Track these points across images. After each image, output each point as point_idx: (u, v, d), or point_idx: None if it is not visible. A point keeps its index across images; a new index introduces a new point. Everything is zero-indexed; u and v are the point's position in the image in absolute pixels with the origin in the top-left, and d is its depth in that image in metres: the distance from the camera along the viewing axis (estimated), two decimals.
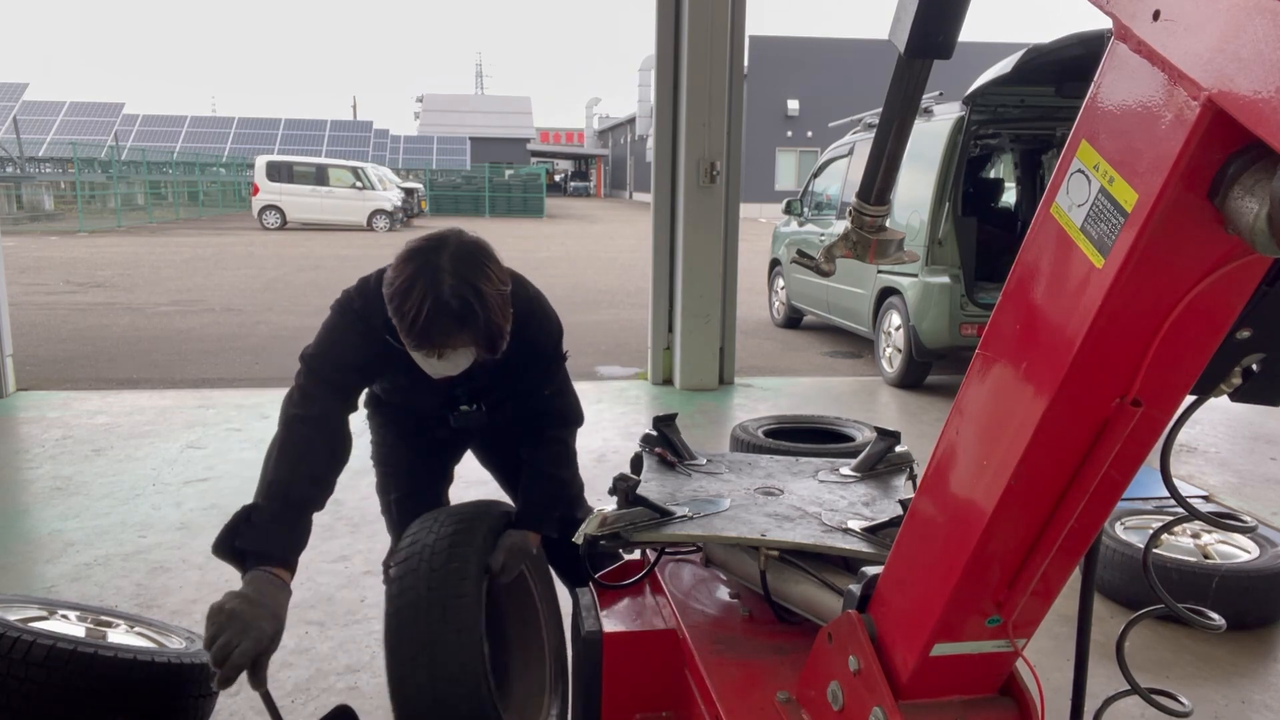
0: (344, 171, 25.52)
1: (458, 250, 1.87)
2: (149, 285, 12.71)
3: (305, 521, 1.87)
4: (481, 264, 1.88)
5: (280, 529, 1.82)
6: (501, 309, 1.89)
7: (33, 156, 33.64)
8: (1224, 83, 0.81)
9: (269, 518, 1.81)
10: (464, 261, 1.85)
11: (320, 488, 1.93)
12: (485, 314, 1.84)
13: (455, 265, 1.84)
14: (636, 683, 1.81)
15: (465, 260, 1.86)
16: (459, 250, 1.88)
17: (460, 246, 1.89)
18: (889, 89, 1.58)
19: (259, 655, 1.68)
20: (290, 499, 1.85)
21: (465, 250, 1.88)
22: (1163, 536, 3.15)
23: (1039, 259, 1.08)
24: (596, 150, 69.27)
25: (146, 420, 5.64)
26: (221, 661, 1.64)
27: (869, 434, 3.36)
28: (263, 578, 1.75)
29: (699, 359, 6.79)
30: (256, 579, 1.75)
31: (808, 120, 35.40)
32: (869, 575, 1.42)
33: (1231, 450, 5.37)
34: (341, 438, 2.00)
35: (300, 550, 1.86)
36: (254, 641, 1.66)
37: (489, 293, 1.85)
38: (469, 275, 1.83)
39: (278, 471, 1.87)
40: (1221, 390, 1.19)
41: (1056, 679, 2.35)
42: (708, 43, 6.35)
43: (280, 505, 1.83)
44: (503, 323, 1.89)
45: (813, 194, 9.45)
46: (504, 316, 1.90)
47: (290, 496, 1.85)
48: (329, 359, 2.03)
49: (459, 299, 1.80)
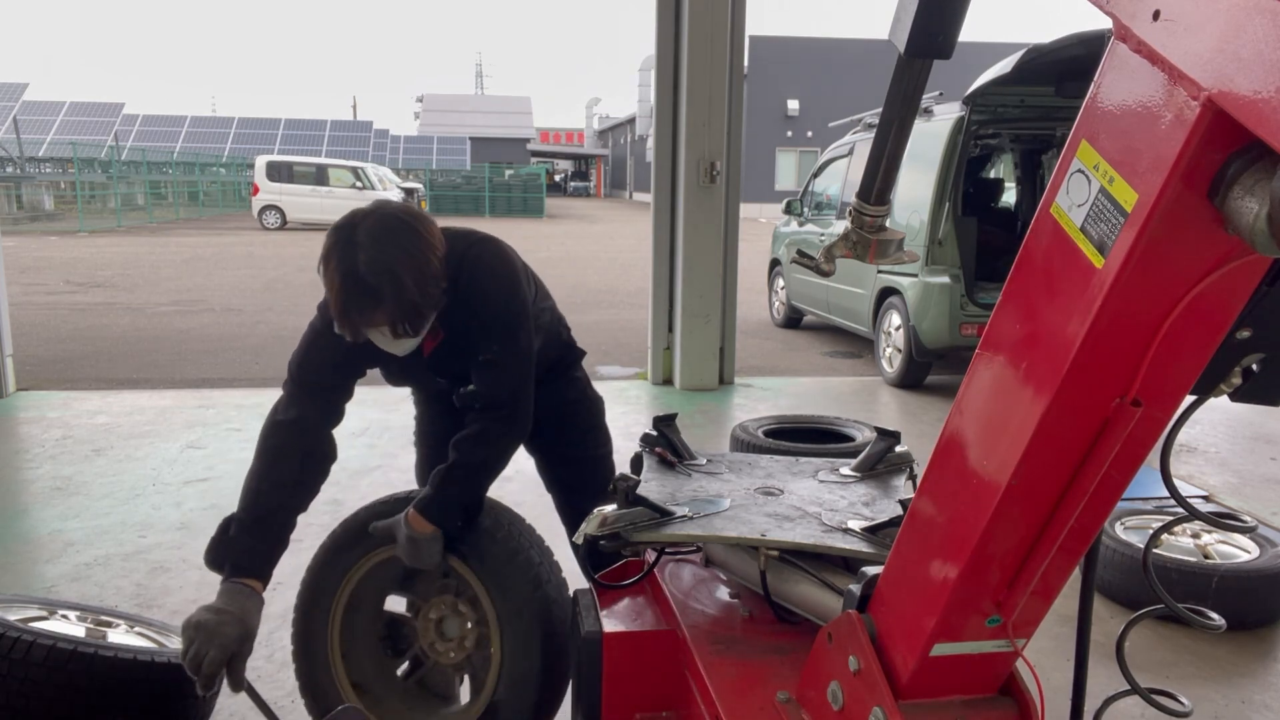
0: (344, 171, 25.51)
1: (377, 222, 1.80)
2: (149, 285, 12.71)
3: (277, 529, 1.96)
4: (397, 238, 1.79)
5: (250, 541, 1.93)
6: (421, 285, 1.79)
7: (33, 156, 33.65)
8: (1224, 83, 0.81)
9: (241, 530, 1.93)
10: (380, 235, 1.78)
11: (291, 492, 1.98)
12: (395, 291, 1.75)
13: (370, 238, 1.77)
14: (636, 683, 1.81)
15: (382, 233, 1.78)
16: (378, 222, 1.80)
17: (381, 219, 1.81)
18: (889, 89, 1.58)
19: (230, 660, 1.83)
20: (260, 508, 1.94)
21: (383, 222, 1.81)
22: (1163, 536, 3.15)
23: (1039, 259, 1.08)
24: (596, 150, 69.27)
25: (146, 420, 5.64)
26: (195, 670, 1.80)
27: (869, 434, 3.37)
28: (232, 589, 1.88)
29: (699, 359, 6.79)
30: (227, 590, 1.88)
31: (808, 120, 35.40)
32: (869, 575, 1.42)
33: (1231, 450, 5.37)
34: (318, 441, 2.02)
35: (273, 558, 1.97)
36: (220, 649, 1.80)
37: (404, 268, 1.76)
38: (383, 249, 1.76)
39: (250, 480, 1.98)
40: (1221, 390, 1.19)
41: (1056, 679, 2.35)
42: (708, 43, 6.35)
43: (251, 517, 1.94)
44: (421, 300, 1.80)
45: (813, 194, 9.45)
46: (425, 293, 1.81)
47: (260, 506, 1.95)
48: (307, 363, 2.04)
49: (373, 274, 1.74)
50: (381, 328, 1.82)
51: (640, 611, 1.93)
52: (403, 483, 4.05)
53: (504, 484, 2.63)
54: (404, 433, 2.18)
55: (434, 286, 1.84)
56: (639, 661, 1.81)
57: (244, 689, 1.85)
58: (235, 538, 1.93)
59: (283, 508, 1.96)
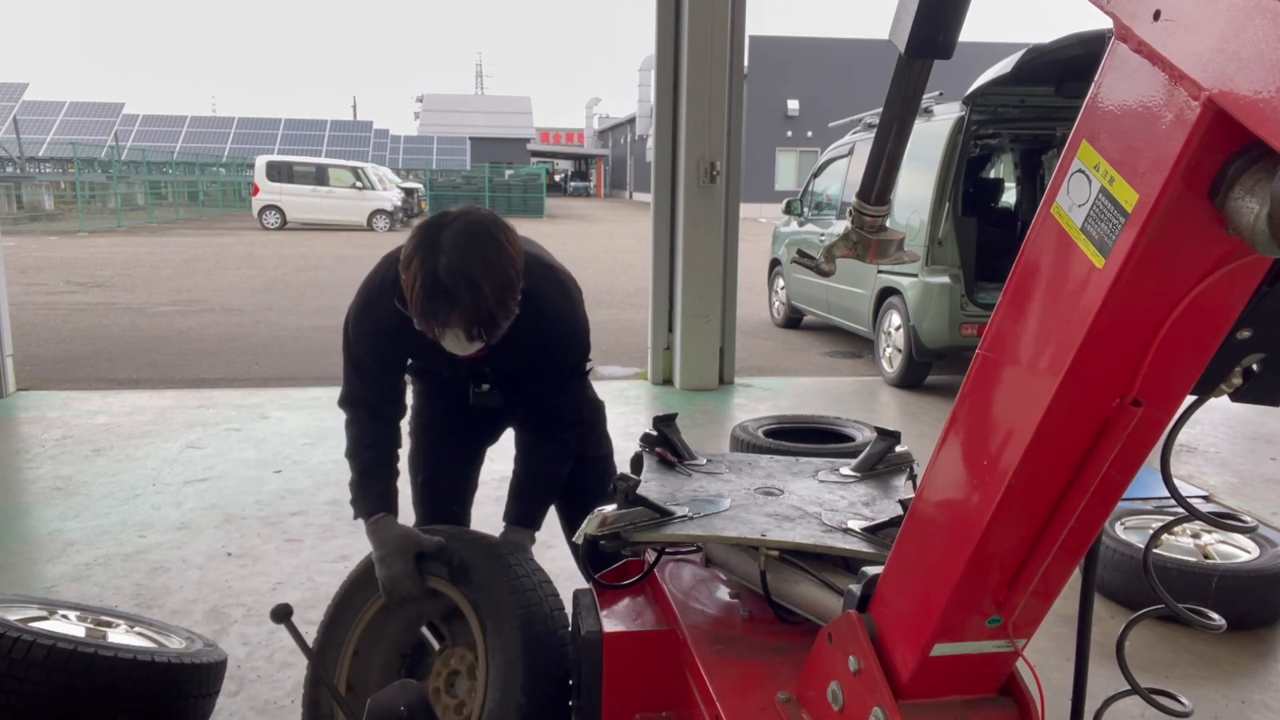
0: (344, 171, 25.51)
1: (462, 228, 1.84)
2: (149, 285, 12.71)
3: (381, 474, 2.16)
4: (481, 245, 1.83)
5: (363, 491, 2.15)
6: (499, 294, 1.82)
7: (33, 156, 33.63)
8: (1224, 83, 0.81)
9: (355, 486, 2.16)
10: (463, 242, 1.81)
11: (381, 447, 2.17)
12: (474, 297, 1.79)
13: (454, 243, 1.80)
14: (636, 683, 1.81)
15: (465, 240, 1.82)
16: (463, 229, 1.84)
17: (466, 225, 1.85)
18: (889, 89, 1.58)
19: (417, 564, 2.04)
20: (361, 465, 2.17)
21: (468, 229, 1.84)
22: (1163, 536, 3.15)
23: (1039, 259, 1.08)
24: (596, 150, 69.26)
25: (146, 420, 5.64)
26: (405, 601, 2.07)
27: (869, 434, 3.37)
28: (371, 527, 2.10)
29: (699, 359, 6.79)
30: (370, 531, 2.10)
31: (808, 120, 35.40)
32: (869, 575, 1.42)
33: (1231, 450, 5.37)
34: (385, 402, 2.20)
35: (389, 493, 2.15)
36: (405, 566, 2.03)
37: (484, 275, 1.80)
38: (465, 256, 1.79)
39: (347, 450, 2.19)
40: (1221, 390, 1.19)
41: (1056, 679, 2.35)
42: (708, 43, 6.35)
43: (357, 475, 2.17)
44: (497, 309, 1.83)
45: (813, 194, 9.45)
46: (501, 303, 1.84)
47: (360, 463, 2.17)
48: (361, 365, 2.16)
49: (451, 279, 1.77)
50: (456, 330, 1.85)
51: (640, 611, 1.93)
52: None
53: (498, 486, 2.64)
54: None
55: (510, 297, 1.87)
56: (639, 661, 1.81)
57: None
58: (356, 492, 2.15)
59: (377, 460, 2.16)
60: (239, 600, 3.23)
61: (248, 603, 3.21)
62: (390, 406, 2.20)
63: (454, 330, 1.85)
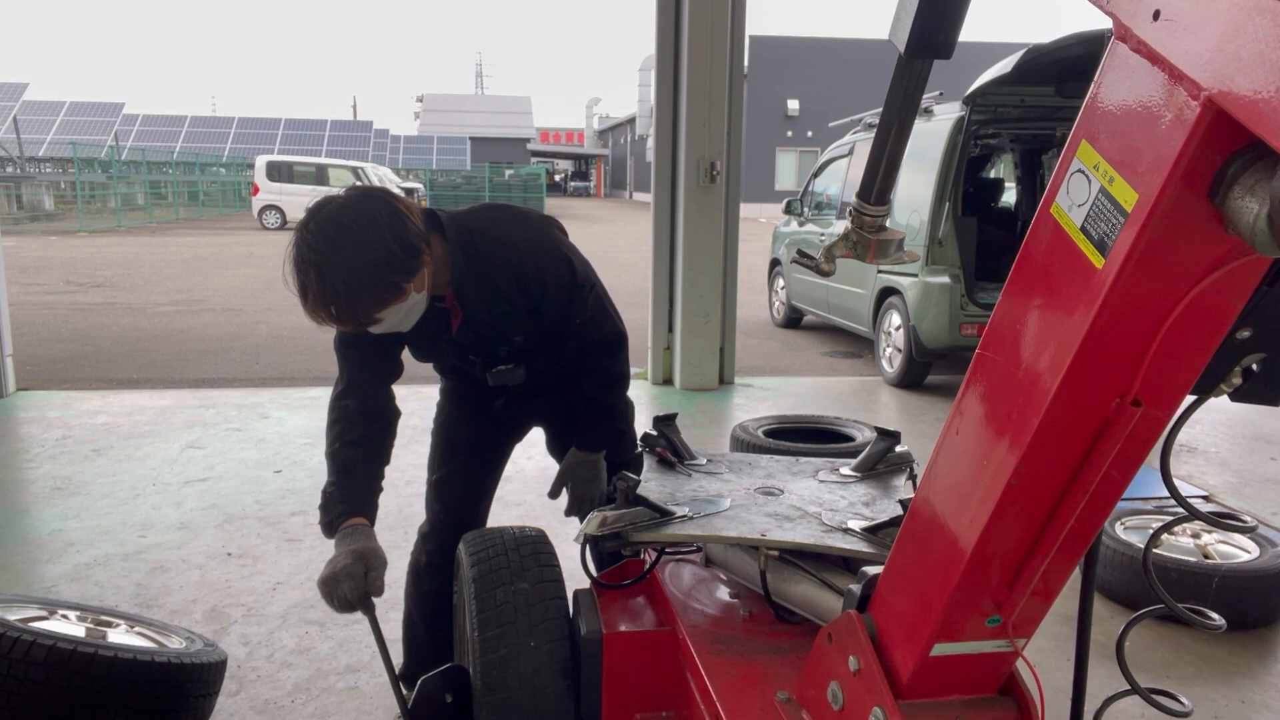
0: (344, 171, 25.49)
1: (331, 213, 1.78)
2: (149, 285, 12.71)
3: (362, 476, 2.01)
4: (341, 229, 1.75)
5: (341, 492, 1.98)
6: (355, 277, 1.74)
7: (33, 156, 33.62)
8: (1224, 83, 0.81)
9: (332, 487, 1.99)
10: (325, 225, 1.76)
11: (365, 446, 2.02)
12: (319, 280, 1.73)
13: (316, 227, 1.76)
14: (636, 683, 1.81)
15: (328, 224, 1.76)
16: (332, 213, 1.78)
17: (337, 209, 1.78)
18: (889, 89, 1.58)
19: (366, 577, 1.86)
20: (340, 464, 2.00)
21: (337, 213, 1.78)
22: (1163, 536, 3.15)
23: (1039, 259, 1.08)
24: (596, 150, 69.25)
25: (146, 420, 5.64)
26: (348, 609, 1.87)
27: (869, 434, 3.37)
28: (342, 534, 1.92)
29: (699, 359, 6.79)
30: (339, 538, 1.92)
31: (808, 120, 35.40)
32: (869, 575, 1.42)
33: (1231, 450, 5.37)
34: (372, 398, 2.07)
35: (368, 498, 2.00)
36: (351, 580, 1.85)
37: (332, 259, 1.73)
38: (319, 239, 1.74)
39: (327, 449, 2.04)
40: (1221, 390, 1.19)
41: (1056, 679, 2.35)
42: (708, 43, 6.35)
43: (335, 474, 2.00)
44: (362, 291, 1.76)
45: (813, 194, 9.45)
46: (362, 284, 1.75)
47: (339, 462, 2.00)
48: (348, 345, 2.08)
49: (301, 263, 1.75)
50: (319, 312, 1.78)
51: (640, 611, 1.93)
52: (401, 483, 4.05)
53: (504, 485, 2.64)
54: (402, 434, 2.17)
55: (380, 275, 1.78)
56: (639, 661, 1.81)
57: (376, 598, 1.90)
58: (329, 496, 1.98)
59: (362, 458, 2.01)
60: (239, 600, 3.23)
61: (248, 603, 3.21)
62: (380, 402, 2.08)
63: (315, 313, 1.79)
